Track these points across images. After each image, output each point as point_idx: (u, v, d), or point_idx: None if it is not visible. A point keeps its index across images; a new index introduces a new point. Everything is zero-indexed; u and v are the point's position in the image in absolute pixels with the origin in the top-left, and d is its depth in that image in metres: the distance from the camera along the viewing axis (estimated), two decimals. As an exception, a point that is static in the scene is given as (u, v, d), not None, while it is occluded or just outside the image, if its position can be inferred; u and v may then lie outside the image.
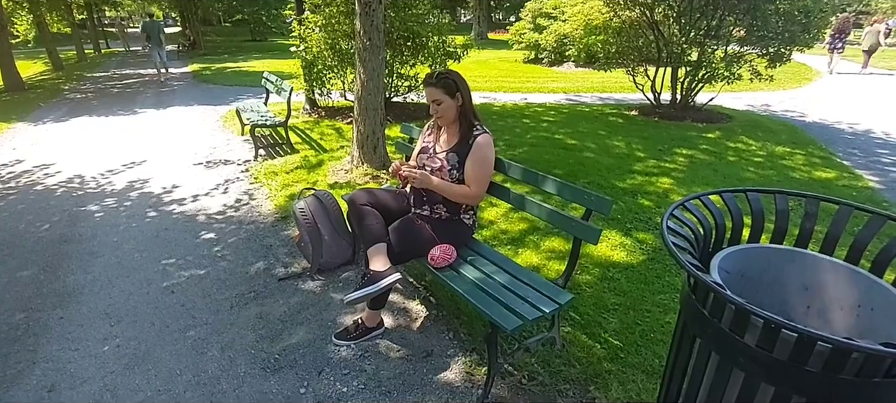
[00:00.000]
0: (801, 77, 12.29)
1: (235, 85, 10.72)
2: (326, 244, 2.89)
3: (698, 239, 1.34)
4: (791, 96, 9.76)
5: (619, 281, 2.79)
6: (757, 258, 1.39)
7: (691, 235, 1.32)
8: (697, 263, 1.20)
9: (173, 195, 4.35)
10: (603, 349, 2.24)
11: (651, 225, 3.55)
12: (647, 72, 7.67)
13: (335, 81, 7.05)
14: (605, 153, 5.41)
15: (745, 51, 6.95)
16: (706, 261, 1.35)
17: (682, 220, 1.35)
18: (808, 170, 4.92)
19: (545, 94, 9.70)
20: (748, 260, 1.39)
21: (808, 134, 6.51)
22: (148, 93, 10.07)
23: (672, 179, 4.54)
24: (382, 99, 4.55)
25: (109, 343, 2.41)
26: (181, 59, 16.34)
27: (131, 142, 6.18)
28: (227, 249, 3.33)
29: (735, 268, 1.39)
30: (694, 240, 1.32)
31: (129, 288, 2.87)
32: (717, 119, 7.13)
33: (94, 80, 11.91)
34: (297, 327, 2.48)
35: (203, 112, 8.00)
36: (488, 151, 2.24)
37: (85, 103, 8.99)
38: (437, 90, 2.21)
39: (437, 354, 2.28)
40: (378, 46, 4.31)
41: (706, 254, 1.38)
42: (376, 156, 4.60)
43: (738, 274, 1.40)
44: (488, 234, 3.39)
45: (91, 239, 3.53)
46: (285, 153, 5.39)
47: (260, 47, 20.22)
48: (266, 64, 13.84)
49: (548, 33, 13.88)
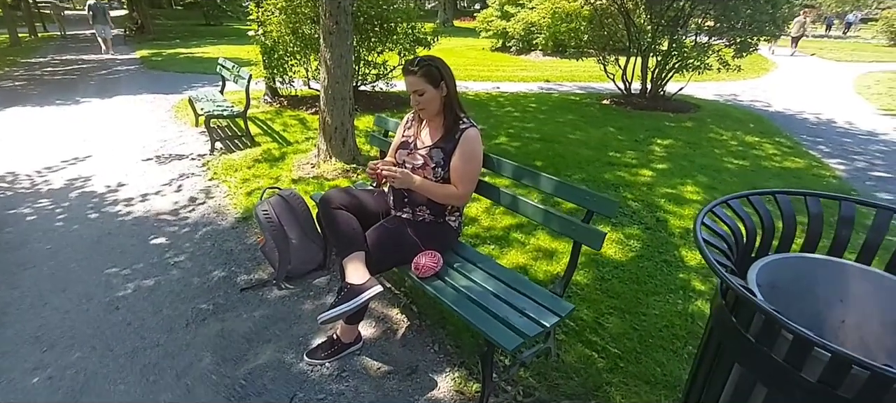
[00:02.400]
0: (759, 67, 12.70)
1: (188, 72, 10.03)
2: (295, 248, 2.62)
3: (731, 247, 1.19)
4: (752, 86, 10.04)
5: (611, 281, 2.66)
6: (788, 267, 1.25)
7: (724, 243, 1.16)
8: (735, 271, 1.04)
9: (119, 194, 3.92)
10: (601, 358, 2.09)
11: (637, 219, 3.45)
12: (617, 61, 7.64)
13: (298, 69, 6.63)
14: (584, 144, 5.30)
15: (713, 41, 7.01)
16: (740, 271, 1.19)
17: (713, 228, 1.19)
18: (780, 160, 4.98)
19: (516, 83, 9.56)
20: (779, 269, 1.25)
21: (775, 123, 6.65)
22: (91, 80, 9.25)
23: (653, 171, 4.47)
24: (351, 87, 4.25)
25: (40, 373, 2.07)
26: (128, 44, 15.22)
27: (71, 135, 5.59)
28: (182, 255, 2.99)
29: (765, 279, 1.24)
30: (728, 249, 1.16)
31: (64, 306, 2.50)
32: (687, 108, 7.19)
33: (29, 66, 10.88)
34: (263, 345, 2.21)
35: (153, 101, 7.39)
36: (477, 146, 2.03)
37: (19, 92, 8.15)
38: (419, 79, 1.97)
39: (422, 370, 2.07)
40: (346, 31, 4.00)
41: (740, 263, 1.23)
42: (346, 149, 4.31)
43: (769, 284, 1.25)
44: (470, 232, 3.20)
45: (20, 247, 3.10)
46: (245, 146, 5.00)
47: (215, 32, 19.13)
48: (222, 50, 13.05)
49: (515, 21, 13.73)
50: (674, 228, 3.33)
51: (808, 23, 17.46)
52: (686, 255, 2.97)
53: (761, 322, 0.99)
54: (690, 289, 2.60)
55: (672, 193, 3.97)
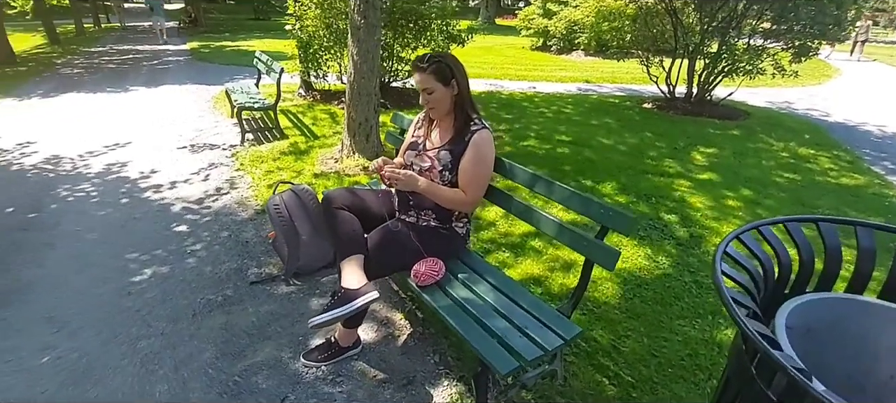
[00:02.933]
0: (820, 73, 11.81)
1: (232, 64, 10.35)
2: (304, 244, 2.57)
3: (758, 282, 1.01)
4: (810, 93, 9.32)
5: (632, 300, 2.46)
6: (828, 308, 1.06)
7: (750, 278, 0.99)
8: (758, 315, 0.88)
9: (150, 181, 4.04)
10: (613, 386, 1.92)
11: (668, 234, 3.21)
12: (661, 63, 7.26)
13: (332, 63, 6.67)
14: (617, 150, 5.04)
15: (768, 44, 6.52)
16: (768, 310, 1.02)
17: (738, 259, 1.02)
18: (836, 176, 4.56)
19: (553, 84, 9.28)
20: (816, 310, 1.06)
21: (833, 135, 6.12)
22: (142, 70, 9.71)
23: (691, 182, 4.18)
24: (377, 83, 4.20)
25: (48, 353, 2.11)
26: (181, 36, 15.92)
27: (116, 121, 5.85)
28: (199, 244, 3.02)
29: (799, 320, 1.06)
30: (753, 285, 0.99)
31: (81, 287, 2.57)
32: (735, 115, 6.74)
33: (88, 55, 11.56)
34: (263, 342, 2.18)
35: (195, 92, 7.65)
36: (487, 150, 1.90)
37: (75, 79, 8.65)
38: (428, 76, 1.86)
39: (419, 381, 1.97)
40: (374, 25, 3.95)
41: (769, 299, 1.06)
42: (369, 145, 4.26)
43: (803, 327, 1.07)
44: (486, 237, 3.07)
45: (52, 227, 3.23)
46: (274, 138, 5.06)
47: (262, 26, 19.72)
48: (266, 44, 13.41)
49: (557, 19, 13.37)
50: (709, 246, 3.07)
51: (870, 26, 16.76)
52: (720, 276, 2.72)
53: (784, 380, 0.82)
54: (721, 315, 2.37)
55: (711, 207, 3.68)
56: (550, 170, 4.32)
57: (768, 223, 1.10)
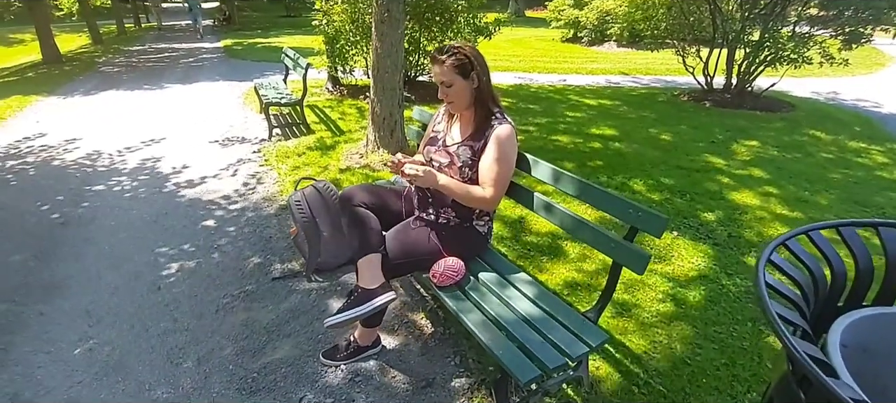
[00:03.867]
0: (872, 62, 11.05)
1: (263, 60, 10.55)
2: (325, 241, 2.56)
3: (808, 294, 0.91)
4: (860, 83, 8.73)
5: (665, 303, 2.34)
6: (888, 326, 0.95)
7: (798, 291, 0.88)
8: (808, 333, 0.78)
9: (182, 176, 4.13)
10: (642, 394, 1.82)
11: (703, 233, 3.04)
12: (698, 53, 6.94)
13: (358, 58, 6.68)
14: (650, 144, 4.85)
15: (815, 31, 6.12)
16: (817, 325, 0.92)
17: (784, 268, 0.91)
18: (891, 171, 4.23)
19: (585, 76, 9.04)
20: (875, 327, 0.95)
21: (887, 127, 5.70)
22: (178, 67, 10.02)
23: (731, 178, 3.96)
24: (401, 77, 4.15)
25: (83, 346, 2.17)
26: (216, 33, 16.37)
27: (151, 117, 6.05)
28: (224, 239, 3.07)
29: (854, 338, 0.95)
30: (801, 298, 0.88)
31: (115, 282, 2.64)
32: (778, 107, 6.37)
33: (128, 54, 12.02)
34: (283, 340, 2.18)
35: (228, 88, 7.83)
36: (509, 146, 1.82)
37: (115, 77, 9.01)
38: (447, 69, 1.79)
39: (438, 384, 1.92)
40: (397, 19, 3.90)
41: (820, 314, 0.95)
42: (394, 140, 4.23)
43: (859, 347, 0.95)
44: (508, 235, 2.98)
45: (90, 222, 3.34)
46: (301, 133, 5.10)
47: (294, 23, 20.04)
48: (296, 40, 13.63)
49: (589, 9, 13.01)
50: (748, 247, 2.89)
51: None
52: (761, 279, 2.55)
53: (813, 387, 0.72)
54: (762, 321, 2.22)
55: (752, 205, 3.48)
56: (579, 166, 4.19)
57: (820, 227, 0.98)
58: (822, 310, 0.97)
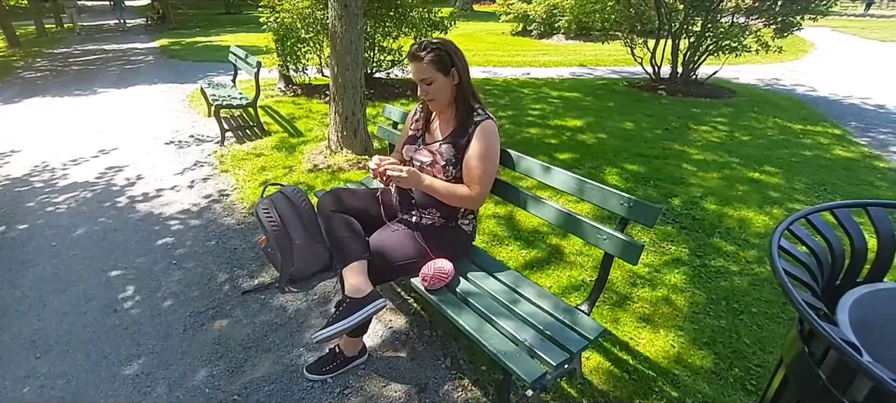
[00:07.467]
0: (797, 49, 11.96)
1: (206, 61, 9.98)
2: (298, 249, 2.44)
3: (815, 276, 0.94)
4: (790, 69, 9.42)
5: (641, 288, 2.40)
6: (886, 301, 0.99)
7: (807, 273, 0.91)
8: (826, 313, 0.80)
9: (129, 188, 3.82)
10: (632, 380, 1.86)
11: (670, 217, 3.16)
12: (646, 43, 7.22)
13: (311, 56, 6.45)
14: (612, 133, 4.99)
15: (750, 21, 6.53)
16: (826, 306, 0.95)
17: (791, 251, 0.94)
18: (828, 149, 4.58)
19: (538, 69, 9.18)
20: (873, 302, 0.99)
21: (819, 109, 6.17)
22: (110, 70, 9.28)
23: (688, 163, 4.15)
24: (361, 75, 4.04)
25: (31, 382, 1.95)
26: (149, 33, 15.31)
27: (86, 126, 5.55)
28: (185, 253, 2.86)
29: (854, 314, 0.99)
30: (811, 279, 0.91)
31: (63, 307, 2.39)
32: (722, 94, 6.75)
33: (51, 57, 11.00)
34: (262, 356, 2.05)
35: (169, 91, 7.33)
36: (493, 141, 1.79)
37: (39, 83, 8.21)
38: (426, 66, 1.73)
39: (432, 388, 1.88)
40: (356, 14, 3.78)
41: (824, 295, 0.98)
42: (357, 140, 4.11)
43: (859, 322, 1.00)
44: (490, 230, 2.97)
45: (26, 243, 3.02)
46: (256, 136, 4.86)
47: (235, 20, 19.13)
48: (240, 38, 13.00)
49: (537, 3, 13.25)
50: (712, 229, 3.03)
51: None
52: (727, 260, 2.68)
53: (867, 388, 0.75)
54: (734, 300, 2.33)
55: (710, 187, 3.65)
56: (549, 158, 4.24)
57: (818, 210, 1.02)
58: (825, 289, 1.01)
